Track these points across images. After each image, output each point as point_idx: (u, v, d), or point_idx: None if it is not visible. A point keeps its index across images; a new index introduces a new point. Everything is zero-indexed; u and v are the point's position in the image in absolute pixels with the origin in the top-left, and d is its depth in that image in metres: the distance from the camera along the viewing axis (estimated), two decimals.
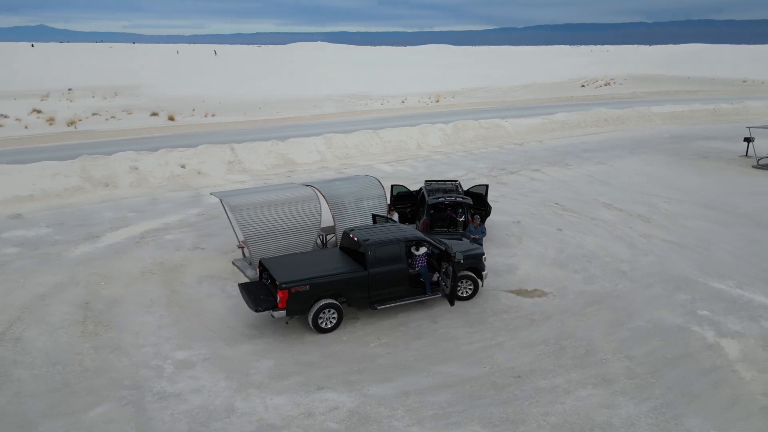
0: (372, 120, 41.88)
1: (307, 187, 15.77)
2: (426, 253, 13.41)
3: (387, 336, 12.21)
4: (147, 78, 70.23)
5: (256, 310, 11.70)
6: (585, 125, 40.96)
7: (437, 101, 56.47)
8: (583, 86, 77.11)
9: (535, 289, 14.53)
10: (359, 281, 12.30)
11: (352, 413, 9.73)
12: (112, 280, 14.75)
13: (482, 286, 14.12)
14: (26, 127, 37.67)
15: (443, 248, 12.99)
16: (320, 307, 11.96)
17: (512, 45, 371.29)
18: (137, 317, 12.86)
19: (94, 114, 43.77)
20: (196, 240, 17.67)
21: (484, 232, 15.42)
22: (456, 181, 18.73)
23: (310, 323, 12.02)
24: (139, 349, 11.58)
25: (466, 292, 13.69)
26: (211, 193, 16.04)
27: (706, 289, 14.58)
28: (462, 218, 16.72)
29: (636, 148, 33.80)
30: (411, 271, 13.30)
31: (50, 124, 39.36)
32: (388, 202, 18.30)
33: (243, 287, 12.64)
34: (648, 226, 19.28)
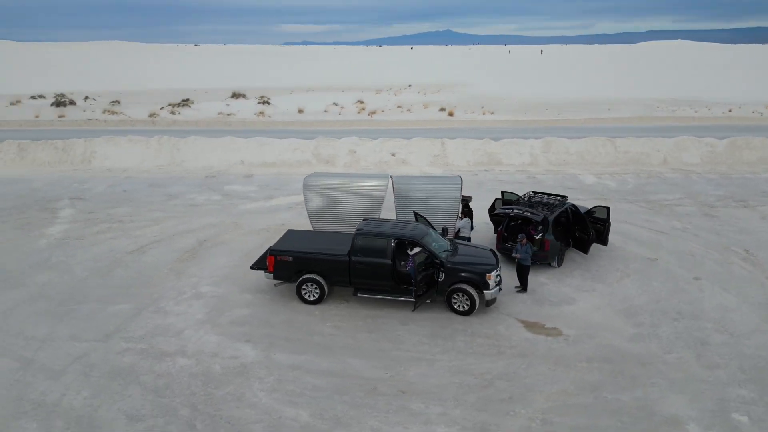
0: (658, 128, 36.75)
1: (386, 179, 16.73)
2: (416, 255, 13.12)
3: (348, 322, 12.76)
4: (470, 77, 75.89)
5: (251, 267, 13.89)
6: None
7: None
8: None
9: (554, 328, 12.47)
10: (339, 265, 13.11)
11: (240, 365, 11.12)
12: (238, 229, 18.82)
13: (487, 305, 12.93)
14: (339, 114, 46.76)
15: (435, 255, 12.60)
16: (303, 279, 13.32)
17: None
18: (217, 258, 16.46)
19: (398, 106, 50.83)
20: None
21: (528, 252, 13.73)
22: (565, 197, 16.54)
23: (296, 292, 13.50)
24: (189, 278, 15.10)
25: (463, 306, 12.83)
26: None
27: None
28: (540, 236, 15.02)
29: None
30: (403, 270, 13.27)
31: (358, 113, 47.79)
32: (490, 207, 17.64)
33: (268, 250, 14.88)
34: None
